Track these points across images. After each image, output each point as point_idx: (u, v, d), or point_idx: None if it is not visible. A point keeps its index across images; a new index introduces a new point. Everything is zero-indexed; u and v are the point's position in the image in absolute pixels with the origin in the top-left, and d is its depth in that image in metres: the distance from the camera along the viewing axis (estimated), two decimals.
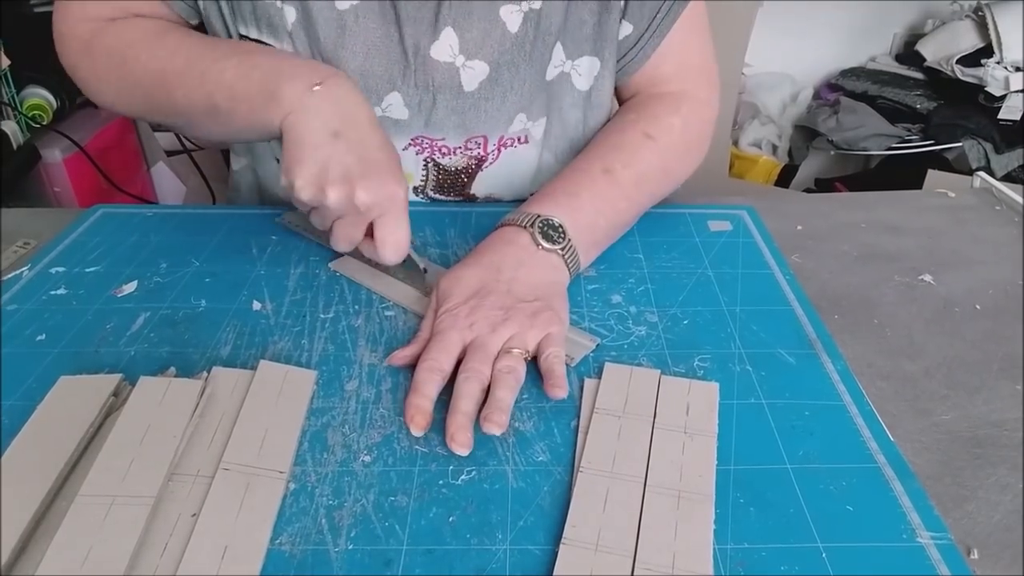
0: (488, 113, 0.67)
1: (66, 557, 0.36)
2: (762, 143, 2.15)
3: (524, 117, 0.69)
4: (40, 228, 0.69)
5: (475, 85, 0.65)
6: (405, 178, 0.55)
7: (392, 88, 0.65)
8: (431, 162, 0.70)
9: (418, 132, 0.68)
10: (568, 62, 0.68)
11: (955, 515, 0.41)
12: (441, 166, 0.70)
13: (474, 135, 0.68)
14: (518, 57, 0.65)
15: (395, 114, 0.66)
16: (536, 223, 0.58)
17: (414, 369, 0.49)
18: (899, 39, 2.10)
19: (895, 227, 0.71)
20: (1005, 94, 1.71)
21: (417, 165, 0.70)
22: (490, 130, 0.68)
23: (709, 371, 0.51)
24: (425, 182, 0.72)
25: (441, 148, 0.69)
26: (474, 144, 0.69)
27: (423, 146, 0.69)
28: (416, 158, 0.70)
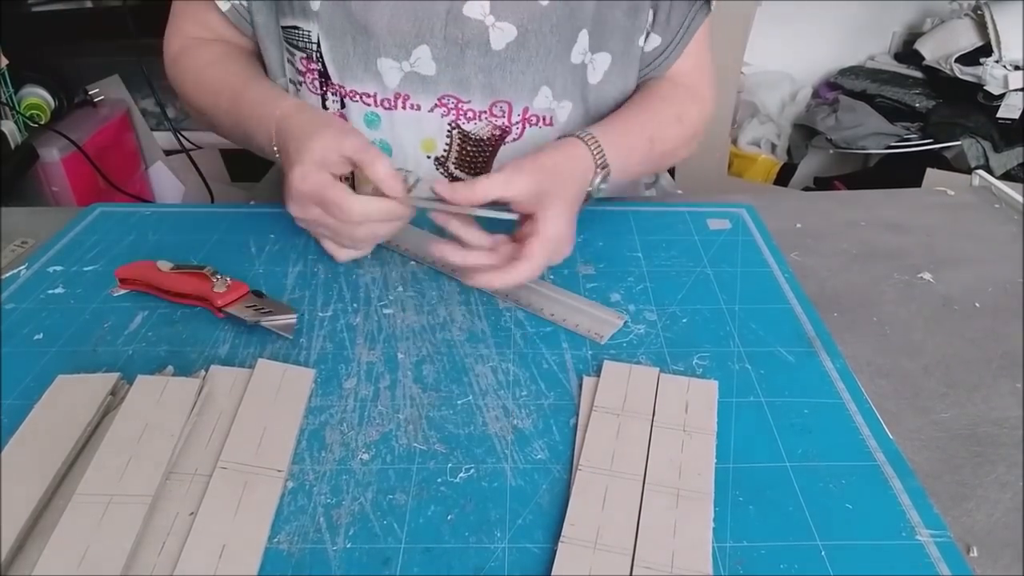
0: (513, 76, 0.68)
1: (63, 556, 0.36)
2: (761, 142, 2.15)
3: (549, 93, 0.70)
4: (38, 227, 0.69)
5: (502, 45, 0.67)
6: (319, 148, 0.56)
7: (421, 41, 0.66)
8: (456, 128, 0.71)
9: (445, 90, 0.69)
10: (588, 54, 0.70)
11: (954, 513, 0.41)
12: (466, 134, 0.71)
13: (499, 99, 0.69)
14: (545, 27, 0.67)
15: (423, 69, 0.68)
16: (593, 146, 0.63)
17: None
18: (898, 38, 2.10)
19: (894, 225, 0.70)
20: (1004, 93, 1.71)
21: (441, 130, 0.71)
22: (515, 96, 0.69)
23: (708, 369, 0.51)
24: (448, 151, 0.72)
25: (467, 112, 0.70)
26: (499, 111, 0.70)
27: (449, 107, 0.70)
28: (441, 121, 0.70)
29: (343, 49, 0.67)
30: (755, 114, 2.15)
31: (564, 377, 0.50)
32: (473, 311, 0.57)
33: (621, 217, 0.70)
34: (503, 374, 0.50)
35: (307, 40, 0.68)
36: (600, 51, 0.71)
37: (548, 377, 0.50)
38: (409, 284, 0.60)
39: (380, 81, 0.68)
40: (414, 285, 0.60)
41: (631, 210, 0.72)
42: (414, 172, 0.64)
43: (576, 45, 0.69)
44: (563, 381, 0.50)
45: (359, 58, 0.67)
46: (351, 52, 0.67)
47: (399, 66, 0.67)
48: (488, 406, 0.48)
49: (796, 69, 2.17)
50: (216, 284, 0.55)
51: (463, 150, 0.72)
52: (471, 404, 0.48)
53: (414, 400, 0.48)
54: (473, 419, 0.47)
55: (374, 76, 0.68)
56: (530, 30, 0.66)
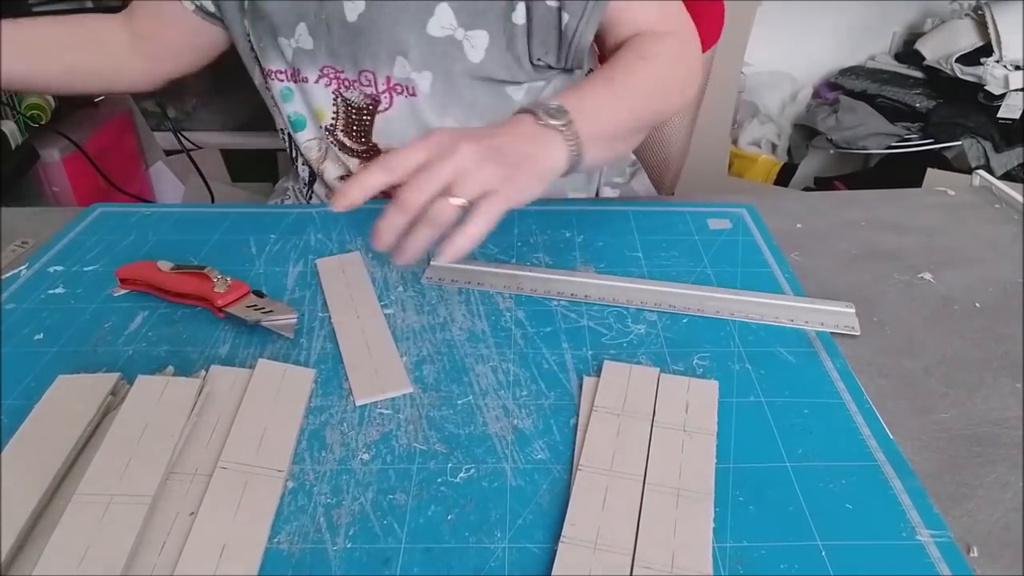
0: (370, 46, 0.73)
1: (64, 556, 0.36)
2: (761, 142, 2.15)
3: (405, 63, 0.73)
4: (38, 227, 0.69)
5: (355, 17, 0.72)
6: None
7: (299, 19, 0.74)
8: (339, 96, 0.78)
9: (324, 61, 0.75)
10: (460, 30, 0.71)
11: (955, 513, 0.41)
12: (347, 101, 0.78)
13: (364, 68, 0.74)
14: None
15: (304, 44, 0.75)
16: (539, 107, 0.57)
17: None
18: (898, 38, 2.10)
19: (895, 225, 0.70)
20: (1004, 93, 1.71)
21: (328, 99, 0.78)
22: (375, 65, 0.74)
23: (708, 369, 0.51)
24: (336, 120, 0.79)
25: (344, 80, 0.76)
26: (366, 80, 0.75)
27: (330, 76, 0.76)
28: (326, 91, 0.77)
29: (257, 34, 0.76)
30: (755, 114, 2.15)
31: (564, 377, 0.50)
32: (473, 311, 0.57)
33: (621, 217, 0.70)
34: (503, 374, 0.50)
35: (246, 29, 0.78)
36: (475, 28, 0.71)
37: (548, 377, 0.50)
38: (409, 284, 0.60)
39: (283, 58, 0.76)
40: (414, 285, 0.60)
41: (631, 210, 0.72)
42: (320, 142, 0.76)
43: (433, 18, 0.71)
44: (563, 381, 0.50)
45: (268, 38, 0.76)
46: (263, 35, 0.76)
47: (289, 43, 0.75)
48: (488, 406, 0.48)
49: (796, 69, 2.17)
50: (216, 284, 0.55)
51: (348, 118, 0.79)
52: (471, 404, 0.48)
53: (414, 400, 0.48)
54: (473, 419, 0.47)
55: (278, 54, 0.76)
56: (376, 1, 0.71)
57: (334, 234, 0.67)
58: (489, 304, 0.58)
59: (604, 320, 0.56)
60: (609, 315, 0.57)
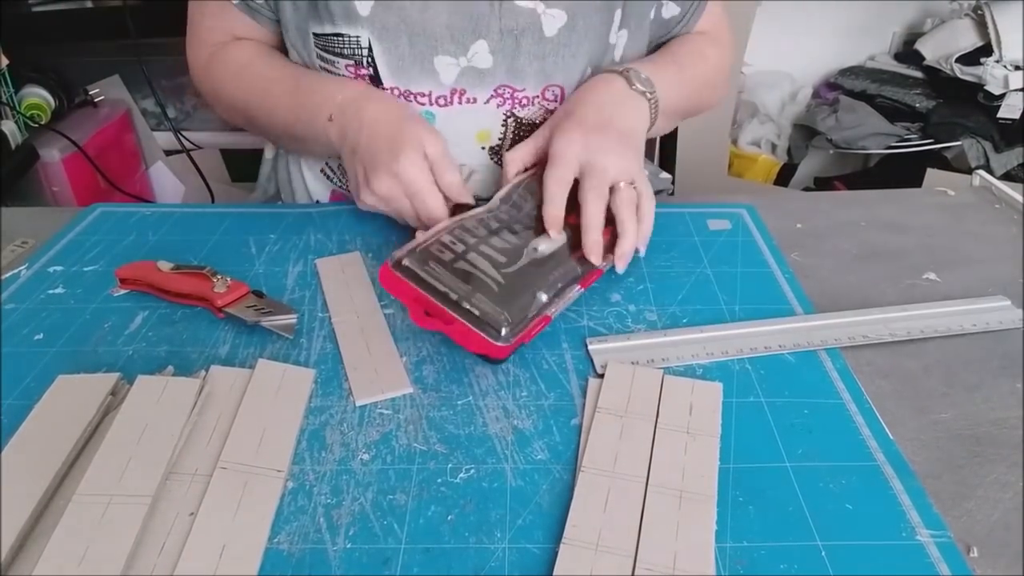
0: (565, 60, 0.70)
1: (64, 556, 0.36)
2: (761, 142, 2.15)
3: (591, 73, 0.72)
4: (38, 227, 0.69)
5: (555, 31, 0.68)
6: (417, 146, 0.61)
7: (477, 36, 0.68)
8: (511, 116, 0.72)
9: (500, 81, 0.70)
10: (616, 32, 0.72)
11: (954, 513, 0.41)
12: (520, 120, 0.73)
13: (551, 83, 0.71)
14: (590, 9, 0.69)
15: (480, 63, 0.69)
16: (627, 71, 0.67)
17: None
18: (898, 38, 2.10)
19: (895, 225, 0.70)
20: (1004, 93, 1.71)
21: (497, 120, 0.72)
22: (566, 80, 0.71)
23: (708, 369, 0.51)
24: (503, 140, 0.74)
25: (521, 99, 0.71)
26: (551, 95, 0.72)
27: (504, 96, 0.71)
28: (496, 112, 0.72)
29: (397, 52, 0.67)
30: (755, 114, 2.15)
31: (564, 377, 0.50)
32: None
33: None
34: (503, 374, 0.50)
35: (355, 46, 0.68)
36: (623, 28, 0.73)
37: (548, 377, 0.50)
38: None
39: (436, 79, 0.69)
40: None
41: None
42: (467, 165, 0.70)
43: (613, 23, 0.71)
44: (563, 382, 0.50)
45: (415, 59, 0.68)
46: (406, 54, 0.67)
47: (456, 62, 0.68)
48: (488, 406, 0.48)
49: (796, 69, 2.17)
50: (216, 284, 0.55)
51: (517, 136, 0.73)
52: (471, 404, 0.48)
53: (414, 400, 0.48)
54: (473, 419, 0.47)
55: (430, 75, 0.69)
56: (578, 13, 0.68)
57: (334, 234, 0.67)
58: None
59: (604, 320, 0.56)
60: (609, 315, 0.56)
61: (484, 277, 0.52)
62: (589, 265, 0.57)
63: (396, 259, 0.52)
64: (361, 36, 0.67)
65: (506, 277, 0.52)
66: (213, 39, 0.76)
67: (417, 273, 0.51)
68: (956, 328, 0.55)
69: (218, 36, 0.76)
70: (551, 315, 0.53)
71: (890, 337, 0.54)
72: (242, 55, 0.75)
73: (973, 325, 0.55)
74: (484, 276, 0.52)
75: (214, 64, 0.76)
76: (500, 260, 0.54)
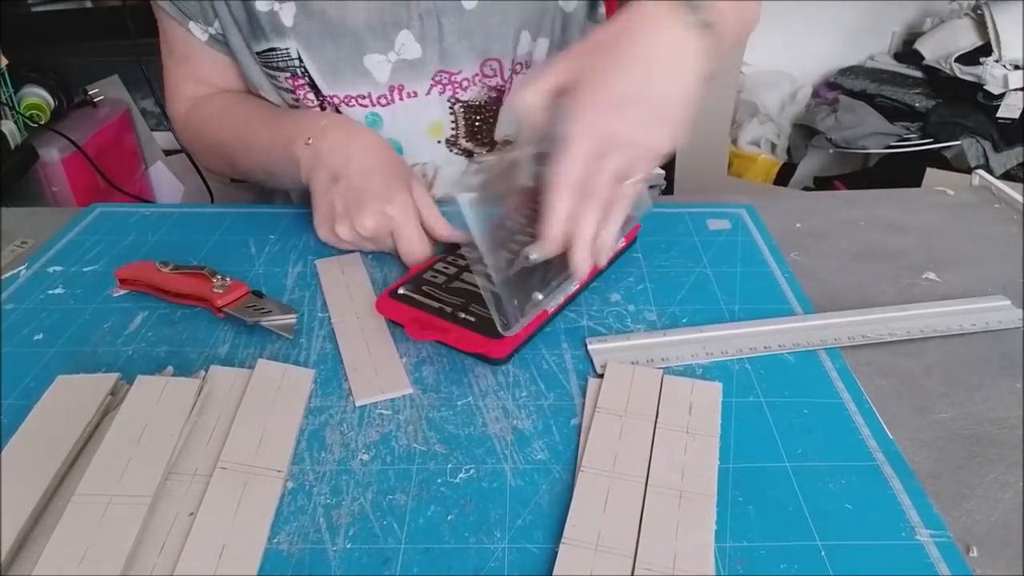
0: (494, 29, 0.68)
1: (63, 556, 0.36)
2: (761, 141, 2.15)
3: (528, 36, 0.69)
4: (38, 227, 0.69)
5: (474, 3, 0.67)
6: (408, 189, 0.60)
7: (399, 27, 0.67)
8: (455, 102, 0.71)
9: (435, 67, 0.69)
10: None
11: (954, 513, 0.41)
12: (466, 104, 0.71)
13: (487, 58, 0.69)
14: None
15: (410, 53, 0.68)
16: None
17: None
18: (898, 37, 2.10)
19: (894, 225, 0.70)
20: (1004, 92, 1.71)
21: (444, 109, 0.71)
22: (501, 51, 0.69)
23: (708, 369, 0.51)
24: (456, 130, 0.73)
25: (461, 82, 0.70)
26: (489, 70, 0.70)
27: (444, 83, 0.70)
28: (440, 100, 0.71)
29: (325, 58, 0.67)
30: (755, 114, 2.15)
31: (564, 378, 0.50)
32: None
33: None
34: (503, 375, 0.50)
35: (287, 59, 0.68)
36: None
37: (548, 378, 0.50)
38: None
39: (371, 79, 0.68)
40: None
41: None
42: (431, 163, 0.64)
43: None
44: (563, 382, 0.50)
45: (344, 62, 0.67)
46: (334, 58, 0.67)
47: (386, 58, 0.67)
48: (488, 407, 0.48)
49: (796, 69, 2.17)
50: (216, 284, 0.55)
51: (469, 122, 0.72)
52: (471, 405, 0.48)
53: (414, 401, 0.48)
54: (473, 420, 0.47)
55: (363, 75, 0.68)
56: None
57: None
58: None
59: (603, 320, 0.56)
60: (609, 315, 0.56)
61: (478, 290, 0.53)
62: None
63: (392, 289, 0.55)
64: (290, 48, 0.67)
65: (500, 285, 0.52)
66: (191, 91, 0.77)
67: (413, 297, 0.54)
68: (956, 328, 0.55)
69: (192, 86, 0.76)
70: (549, 310, 0.53)
71: (889, 337, 0.54)
72: (221, 100, 0.76)
73: (973, 325, 0.55)
74: (478, 289, 0.53)
75: (193, 114, 0.77)
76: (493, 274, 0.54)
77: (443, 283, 0.55)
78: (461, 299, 0.53)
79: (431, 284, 0.55)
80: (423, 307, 0.53)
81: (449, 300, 0.53)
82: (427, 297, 0.54)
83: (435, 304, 0.53)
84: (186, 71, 0.76)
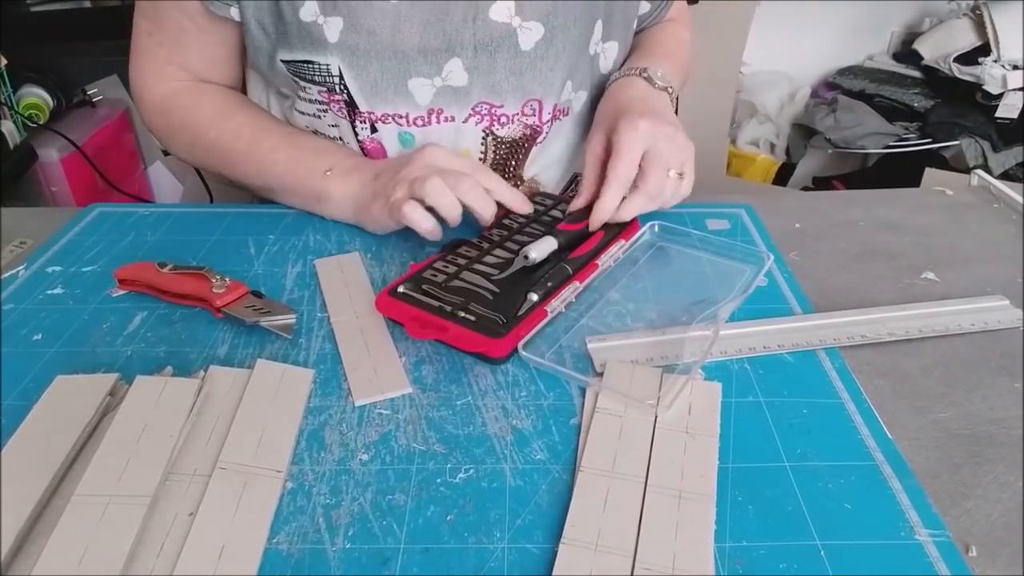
0: (543, 74, 0.69)
1: (62, 557, 0.36)
2: (760, 142, 2.15)
3: (571, 86, 0.72)
4: (36, 227, 0.68)
5: (531, 45, 0.67)
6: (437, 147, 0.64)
7: (451, 55, 0.66)
8: (489, 134, 0.72)
9: (479, 98, 0.69)
10: (600, 43, 0.73)
11: (953, 513, 0.41)
12: (499, 139, 0.72)
13: (530, 98, 0.70)
14: (569, 21, 0.68)
15: (456, 81, 0.68)
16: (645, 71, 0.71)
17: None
18: (896, 37, 2.10)
19: (893, 225, 0.70)
20: (1002, 92, 1.71)
21: (477, 139, 0.72)
22: (545, 94, 0.71)
23: (707, 369, 0.51)
24: (484, 160, 0.73)
25: (500, 117, 0.71)
26: (530, 110, 0.71)
27: (483, 114, 0.70)
28: (475, 129, 0.71)
29: (370, 77, 0.66)
30: (754, 114, 2.16)
31: (563, 377, 0.50)
32: None
33: None
34: (502, 374, 0.50)
35: (325, 74, 0.67)
36: (610, 39, 0.73)
37: (547, 377, 0.50)
38: None
39: (412, 100, 0.68)
40: None
41: None
42: None
43: (593, 36, 0.71)
44: (562, 381, 0.50)
45: (389, 82, 0.67)
46: (379, 79, 0.67)
47: (431, 82, 0.67)
48: (487, 406, 0.48)
49: (795, 69, 2.17)
50: (215, 284, 0.55)
51: (498, 155, 0.73)
52: (470, 404, 0.48)
53: (413, 400, 0.48)
54: (472, 419, 0.47)
55: (405, 96, 0.68)
56: (556, 26, 0.67)
57: (333, 235, 0.67)
58: None
59: (603, 319, 0.56)
60: (608, 314, 0.56)
61: (477, 289, 0.54)
62: (579, 264, 0.58)
63: (391, 287, 0.55)
64: (331, 64, 0.66)
65: (498, 285, 0.55)
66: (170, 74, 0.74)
67: (412, 296, 0.54)
68: (955, 328, 0.55)
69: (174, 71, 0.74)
70: (548, 310, 0.54)
71: (888, 337, 0.54)
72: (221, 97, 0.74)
73: (972, 324, 0.55)
74: (477, 288, 0.54)
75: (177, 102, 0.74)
76: (492, 273, 0.56)
77: (443, 282, 0.55)
78: (461, 298, 0.53)
79: (431, 283, 0.55)
80: (423, 305, 0.53)
81: (449, 299, 0.53)
82: (427, 296, 0.54)
83: (435, 303, 0.53)
84: (172, 54, 0.73)
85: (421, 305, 0.53)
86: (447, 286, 0.55)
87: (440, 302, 0.53)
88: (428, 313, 0.52)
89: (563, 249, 0.59)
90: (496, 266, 0.57)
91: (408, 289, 0.54)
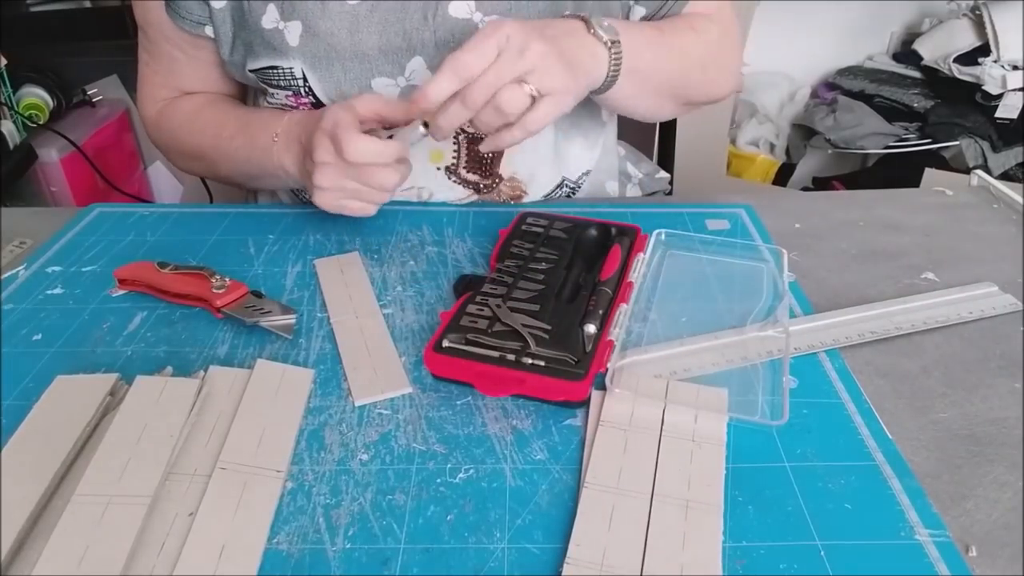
0: None
1: (63, 557, 0.36)
2: (760, 142, 2.15)
3: None
4: (36, 227, 0.68)
5: None
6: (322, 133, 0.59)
7: (413, 53, 0.66)
8: (460, 132, 0.70)
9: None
10: None
11: (953, 513, 0.41)
12: (471, 136, 0.71)
13: None
14: (532, 13, 0.66)
15: (419, 79, 0.67)
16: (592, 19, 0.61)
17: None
18: (896, 38, 2.10)
19: (893, 225, 0.70)
20: (1002, 92, 1.71)
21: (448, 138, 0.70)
22: None
23: (707, 374, 0.51)
24: (457, 159, 0.72)
25: None
26: None
27: None
28: None
29: (333, 79, 0.67)
30: (753, 114, 2.15)
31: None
32: None
33: (619, 219, 0.70)
34: None
35: (289, 78, 0.68)
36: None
37: None
38: (408, 284, 0.60)
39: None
40: (413, 285, 0.60)
41: (630, 211, 0.72)
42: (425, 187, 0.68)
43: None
44: None
45: (352, 83, 0.67)
46: (342, 79, 0.67)
47: (394, 82, 0.67)
48: (487, 406, 0.48)
49: (794, 69, 2.17)
50: (215, 284, 0.55)
51: (471, 153, 0.72)
52: (470, 404, 0.48)
53: (413, 400, 0.48)
54: (472, 419, 0.47)
55: None
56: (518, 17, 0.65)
57: (332, 234, 0.67)
58: None
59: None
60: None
61: (528, 329, 0.50)
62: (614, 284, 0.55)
63: (435, 343, 0.49)
64: (294, 67, 0.67)
65: (546, 321, 0.51)
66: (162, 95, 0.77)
67: (463, 349, 0.49)
68: (954, 317, 0.55)
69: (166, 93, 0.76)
70: (613, 339, 0.51)
71: (886, 333, 0.54)
72: (191, 103, 0.76)
73: (969, 313, 0.55)
74: (527, 328, 0.50)
75: (164, 117, 0.76)
76: (533, 309, 0.52)
77: (486, 327, 0.50)
78: (517, 343, 0.49)
79: (475, 331, 0.50)
80: (482, 359, 0.48)
81: (504, 345, 0.48)
82: (478, 347, 0.49)
83: (493, 353, 0.48)
84: (165, 78, 0.76)
85: (480, 359, 0.48)
86: (493, 331, 0.50)
87: (499, 351, 0.48)
88: (493, 366, 0.48)
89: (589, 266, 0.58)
90: (530, 300, 0.53)
91: (454, 342, 0.49)
